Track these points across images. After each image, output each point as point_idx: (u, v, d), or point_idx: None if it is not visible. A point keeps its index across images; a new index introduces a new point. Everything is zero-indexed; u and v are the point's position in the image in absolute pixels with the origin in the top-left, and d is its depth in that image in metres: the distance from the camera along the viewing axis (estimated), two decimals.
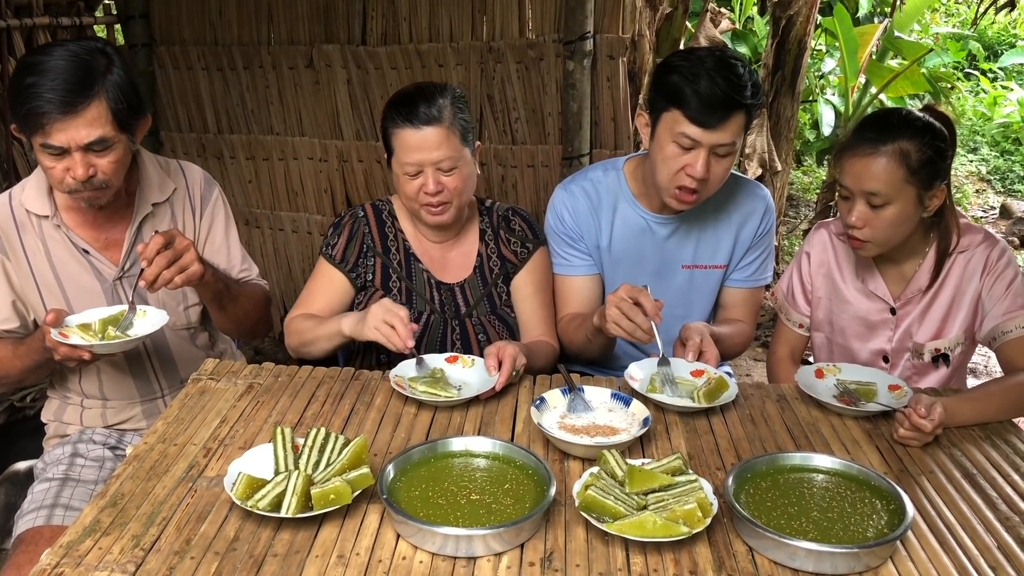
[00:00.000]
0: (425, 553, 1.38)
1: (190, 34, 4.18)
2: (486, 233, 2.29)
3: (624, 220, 2.28)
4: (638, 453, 1.71)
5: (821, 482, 1.57)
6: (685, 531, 1.38)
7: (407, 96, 2.11)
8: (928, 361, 2.16)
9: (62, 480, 2.01)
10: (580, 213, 2.28)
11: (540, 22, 3.55)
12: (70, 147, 1.85)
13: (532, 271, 2.29)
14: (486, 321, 2.25)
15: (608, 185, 2.29)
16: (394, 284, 2.23)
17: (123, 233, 2.11)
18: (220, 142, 4.33)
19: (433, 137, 2.05)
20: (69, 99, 1.82)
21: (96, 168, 1.90)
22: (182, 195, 2.20)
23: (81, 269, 2.08)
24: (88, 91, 1.84)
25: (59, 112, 1.82)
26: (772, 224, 2.34)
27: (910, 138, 1.95)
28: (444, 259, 2.27)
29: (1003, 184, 8.06)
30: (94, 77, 1.86)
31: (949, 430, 1.81)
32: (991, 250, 2.08)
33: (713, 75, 1.95)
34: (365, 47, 3.86)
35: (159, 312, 2.00)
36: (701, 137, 1.98)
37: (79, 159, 1.87)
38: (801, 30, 4.99)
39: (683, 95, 1.97)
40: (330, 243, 2.23)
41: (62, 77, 1.83)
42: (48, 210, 2.04)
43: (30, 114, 1.83)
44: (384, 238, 2.25)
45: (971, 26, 10.02)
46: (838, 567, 1.36)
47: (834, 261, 2.23)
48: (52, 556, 1.36)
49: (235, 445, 1.71)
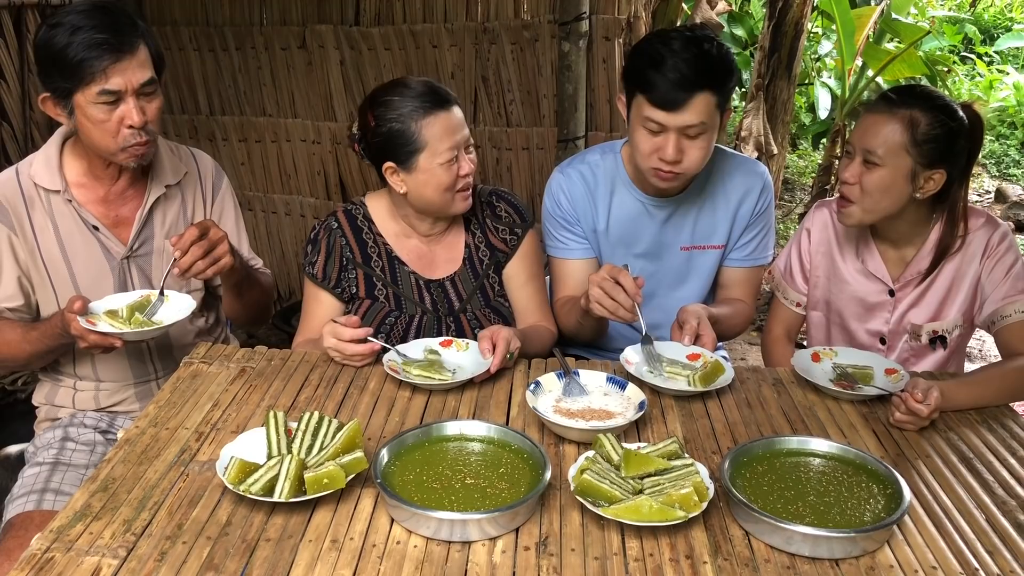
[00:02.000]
0: (419, 537, 1.37)
1: (181, 14, 4.15)
2: (471, 222, 2.24)
3: (621, 203, 2.27)
4: (634, 437, 1.70)
5: (818, 466, 1.56)
6: (681, 515, 1.37)
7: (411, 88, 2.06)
8: (926, 343, 2.16)
9: (52, 464, 2.00)
10: (577, 197, 2.26)
11: (535, 3, 3.53)
12: (126, 90, 1.88)
13: (524, 257, 2.25)
14: (481, 315, 2.21)
15: (605, 168, 2.27)
16: (380, 292, 2.18)
17: (134, 212, 2.10)
18: (212, 124, 4.30)
19: (458, 116, 2.06)
20: (124, 40, 1.87)
21: (147, 114, 1.92)
22: (193, 180, 2.20)
23: (89, 246, 2.06)
24: (134, 33, 1.90)
25: (115, 53, 1.85)
26: (770, 202, 2.32)
27: (925, 111, 1.94)
28: (431, 255, 2.22)
29: (998, 168, 8.06)
30: (130, 20, 1.92)
31: (946, 414, 1.81)
32: (992, 233, 2.06)
33: (676, 57, 1.92)
34: (358, 28, 3.83)
35: (184, 297, 2.01)
36: (666, 120, 1.96)
37: (133, 104, 1.89)
38: (798, 12, 4.96)
39: (646, 79, 1.95)
40: (310, 261, 2.19)
41: (105, 23, 1.87)
42: (59, 184, 2.03)
43: (84, 63, 1.84)
44: (363, 246, 2.18)
45: (968, 8, 9.99)
46: (835, 551, 1.35)
47: (835, 240, 2.22)
48: (43, 541, 1.35)
49: (227, 429, 1.69)
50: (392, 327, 2.16)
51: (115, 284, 2.09)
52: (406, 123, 2.00)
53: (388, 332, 2.15)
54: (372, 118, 2.05)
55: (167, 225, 2.14)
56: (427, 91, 2.03)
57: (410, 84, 2.06)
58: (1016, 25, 10.55)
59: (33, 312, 2.10)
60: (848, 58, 5.31)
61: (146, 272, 2.13)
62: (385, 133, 2.03)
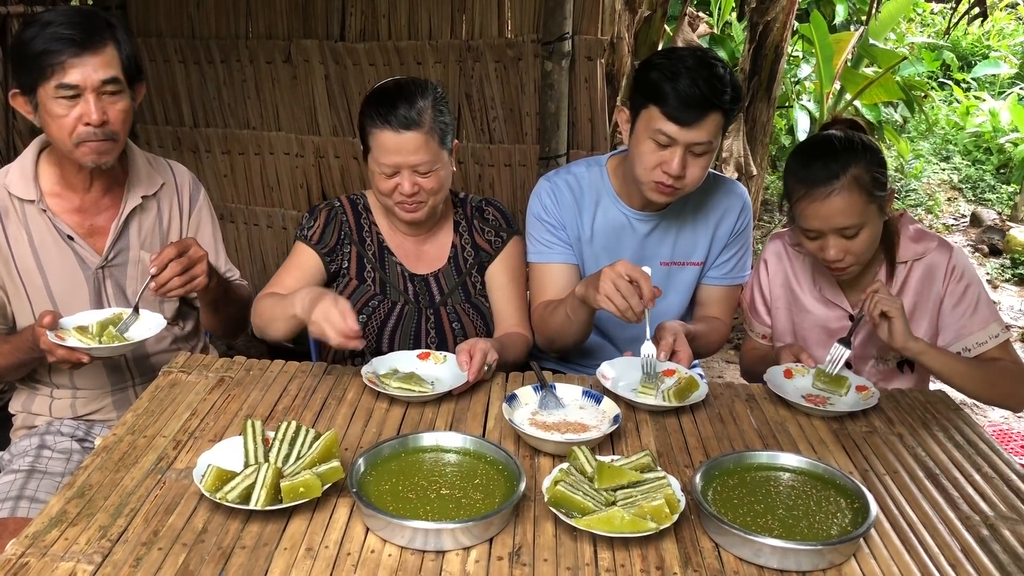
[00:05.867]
0: (394, 546, 1.39)
1: (167, 26, 4.16)
2: (460, 224, 2.30)
3: (605, 215, 2.29)
4: (608, 450, 1.72)
5: (787, 480, 1.59)
6: (652, 527, 1.39)
7: (387, 95, 2.08)
8: (893, 367, 2.19)
9: (28, 472, 2.00)
10: (564, 203, 2.28)
11: (519, 22, 3.56)
12: (85, 86, 1.87)
13: (506, 260, 2.30)
14: (460, 310, 2.25)
15: (591, 180, 2.29)
16: (368, 274, 2.23)
17: (109, 222, 2.11)
18: (196, 136, 4.30)
19: (412, 142, 2.03)
20: (84, 36, 1.87)
21: (108, 114, 1.92)
22: (170, 192, 2.21)
23: (64, 256, 2.07)
24: (101, 32, 1.90)
25: (76, 48, 1.86)
26: (749, 222, 2.36)
27: (855, 162, 1.94)
28: (418, 251, 2.27)
29: (974, 193, 8.17)
30: (103, 22, 1.93)
31: (915, 429, 1.85)
32: (949, 256, 2.10)
33: (692, 74, 1.95)
34: (343, 43, 3.85)
35: (155, 316, 2.02)
36: (677, 135, 1.99)
37: (93, 101, 1.89)
38: (778, 36, 5.04)
39: (662, 92, 1.98)
40: (306, 226, 2.23)
41: (74, 20, 1.88)
42: (33, 194, 2.03)
43: (44, 55, 1.85)
44: (360, 229, 2.25)
45: (944, 35, 10.16)
46: (802, 564, 1.37)
47: (790, 270, 2.25)
48: (17, 546, 1.35)
49: (205, 438, 1.70)
50: (375, 310, 2.20)
51: (90, 294, 2.09)
52: (365, 121, 2.09)
53: (370, 315, 2.20)
54: (364, 98, 2.14)
55: (143, 236, 2.15)
56: (389, 102, 2.05)
57: (390, 88, 2.10)
58: (993, 53, 10.74)
59: (9, 323, 2.10)
60: (827, 81, 5.40)
61: (120, 283, 2.13)
62: (360, 119, 2.13)
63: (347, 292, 2.22)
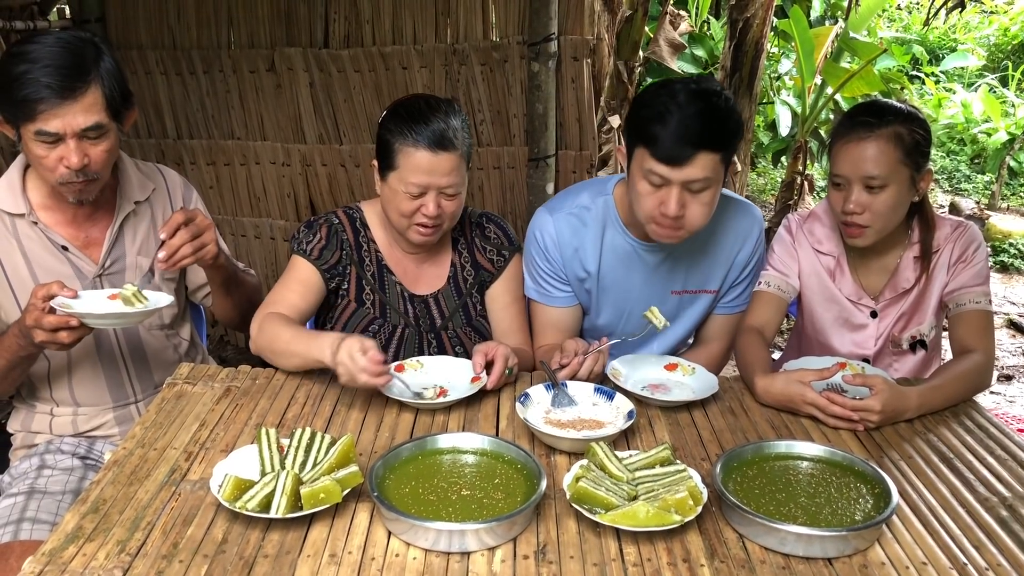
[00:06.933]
0: (418, 549, 1.37)
1: (147, 38, 4.11)
2: (459, 242, 2.24)
3: (612, 247, 2.20)
4: (623, 446, 1.72)
5: (806, 469, 1.59)
6: (678, 520, 1.39)
7: (419, 112, 1.99)
8: (907, 348, 2.20)
9: (27, 494, 1.96)
10: (565, 245, 2.19)
11: (504, 24, 3.56)
12: (66, 133, 1.82)
13: (509, 280, 2.25)
14: (463, 334, 2.22)
15: (596, 213, 2.19)
16: (368, 296, 2.17)
17: (103, 232, 2.08)
18: (180, 148, 4.26)
19: (447, 162, 1.97)
20: (66, 84, 1.80)
21: (89, 157, 1.87)
22: (162, 195, 2.18)
23: (60, 266, 2.04)
24: (84, 76, 1.83)
25: (56, 97, 1.79)
26: (762, 245, 2.27)
27: (902, 122, 2.00)
28: (417, 271, 2.21)
29: (950, 183, 8.27)
30: (87, 63, 1.85)
31: (924, 417, 1.86)
32: (968, 240, 2.11)
33: (683, 111, 1.85)
34: (327, 50, 3.83)
35: (162, 295, 1.96)
36: (670, 175, 1.89)
37: (74, 146, 1.84)
38: (757, 32, 5.06)
39: (649, 133, 1.89)
40: (304, 241, 2.14)
41: (56, 63, 1.81)
42: (23, 208, 2.00)
43: (24, 101, 1.79)
44: (359, 248, 2.17)
45: (924, 25, 10.27)
46: (828, 551, 1.37)
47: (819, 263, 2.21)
48: (35, 564, 1.33)
49: (216, 448, 1.68)
50: (375, 335, 2.16)
51: None
52: (394, 138, 2.00)
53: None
54: (387, 113, 2.06)
55: (138, 242, 2.13)
56: (425, 120, 1.98)
57: (421, 106, 2.02)
58: (960, 46, 10.89)
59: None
60: (808, 76, 5.42)
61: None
62: (382, 134, 2.04)
63: (346, 315, 2.17)
